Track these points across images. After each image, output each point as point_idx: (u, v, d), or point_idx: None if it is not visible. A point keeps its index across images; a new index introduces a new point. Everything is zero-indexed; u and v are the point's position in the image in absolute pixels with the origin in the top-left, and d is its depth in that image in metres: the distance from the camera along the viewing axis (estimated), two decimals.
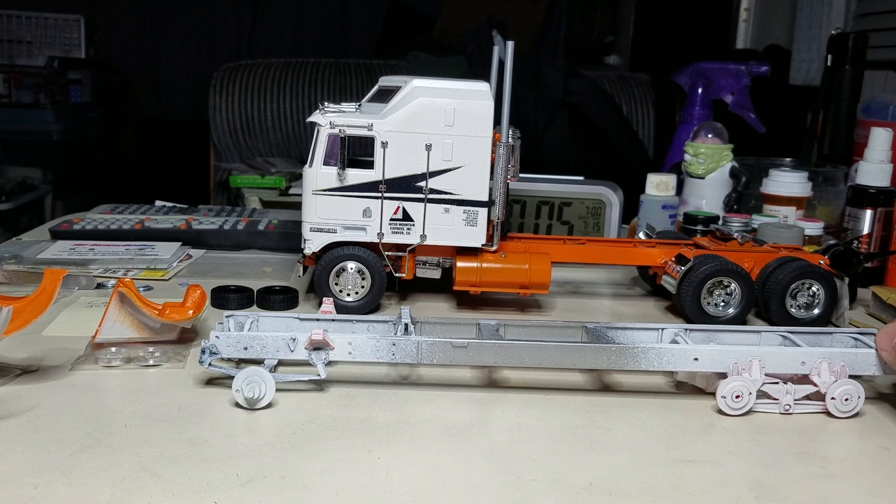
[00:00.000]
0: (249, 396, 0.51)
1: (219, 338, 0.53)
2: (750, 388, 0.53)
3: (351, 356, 0.54)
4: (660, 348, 0.54)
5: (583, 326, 0.59)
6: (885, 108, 1.16)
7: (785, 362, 0.55)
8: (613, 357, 0.54)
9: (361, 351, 0.54)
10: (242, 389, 0.51)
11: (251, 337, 0.53)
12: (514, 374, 0.60)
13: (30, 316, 0.53)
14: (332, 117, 0.69)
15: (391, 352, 0.54)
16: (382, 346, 0.54)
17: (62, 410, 0.50)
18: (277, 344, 0.53)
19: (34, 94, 2.90)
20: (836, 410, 0.54)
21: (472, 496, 0.42)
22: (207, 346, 0.53)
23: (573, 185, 0.95)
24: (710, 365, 0.54)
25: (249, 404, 0.51)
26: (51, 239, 0.91)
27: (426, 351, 0.54)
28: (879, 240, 0.92)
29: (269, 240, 0.93)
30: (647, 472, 0.45)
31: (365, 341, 0.54)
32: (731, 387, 0.53)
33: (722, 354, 0.54)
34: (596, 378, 0.60)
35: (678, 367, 0.55)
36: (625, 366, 0.54)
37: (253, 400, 0.51)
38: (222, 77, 2.39)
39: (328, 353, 0.53)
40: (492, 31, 1.71)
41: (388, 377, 0.58)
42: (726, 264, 0.72)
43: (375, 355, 0.54)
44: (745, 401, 0.54)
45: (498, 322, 0.59)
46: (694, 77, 1.60)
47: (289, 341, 0.53)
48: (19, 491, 0.40)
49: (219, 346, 0.53)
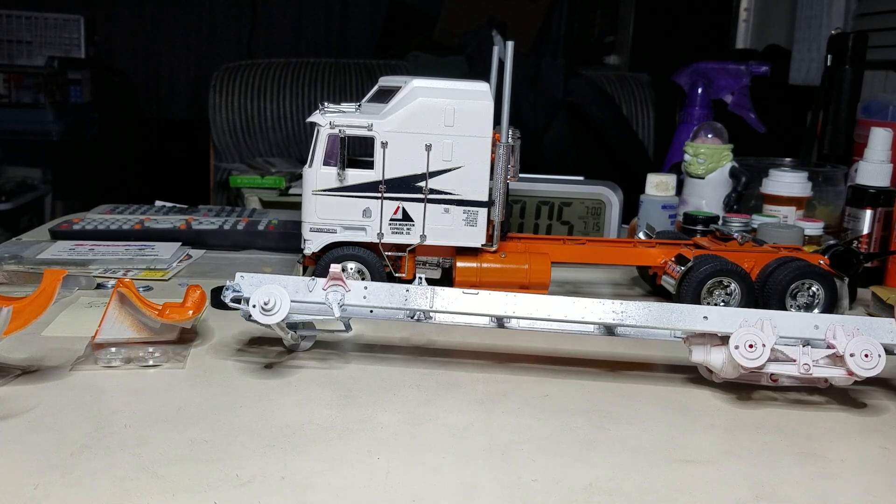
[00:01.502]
0: (263, 301, 0.52)
1: (243, 277, 0.56)
2: (763, 339, 0.52)
3: (366, 300, 0.55)
4: (671, 306, 0.54)
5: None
6: (885, 108, 1.16)
7: (798, 325, 0.54)
8: (623, 314, 0.55)
9: (376, 295, 0.56)
10: (260, 302, 0.53)
11: (271, 278, 0.56)
12: (514, 372, 0.60)
13: (30, 316, 0.53)
14: (332, 117, 0.69)
15: (404, 297, 0.56)
16: (396, 290, 0.56)
17: (62, 411, 0.50)
18: (297, 284, 0.55)
19: (34, 94, 2.90)
20: (859, 368, 0.52)
21: (472, 496, 0.42)
22: (231, 284, 0.56)
23: (573, 185, 0.95)
24: (720, 324, 0.54)
25: (264, 312, 0.53)
26: (51, 239, 0.91)
27: (439, 295, 0.56)
28: (879, 240, 0.92)
29: (268, 240, 0.93)
30: (647, 472, 0.45)
31: (379, 286, 0.56)
32: (744, 335, 0.52)
33: (732, 314, 0.54)
34: (596, 379, 0.60)
35: (689, 326, 0.54)
36: (637, 321, 0.55)
37: (268, 309, 0.53)
38: (222, 77, 2.39)
39: (343, 295, 0.55)
40: (492, 31, 1.71)
41: (390, 377, 0.58)
42: (726, 264, 0.72)
43: (389, 300, 0.56)
44: (758, 352, 0.52)
45: None
46: (694, 77, 1.60)
47: (308, 282, 0.55)
48: (19, 491, 0.40)
49: (242, 286, 0.55)
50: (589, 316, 0.56)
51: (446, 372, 0.59)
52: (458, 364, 0.61)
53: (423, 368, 0.60)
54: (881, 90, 1.62)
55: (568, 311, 0.56)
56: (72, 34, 3.11)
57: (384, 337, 0.66)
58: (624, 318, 0.55)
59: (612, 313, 0.55)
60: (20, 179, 2.88)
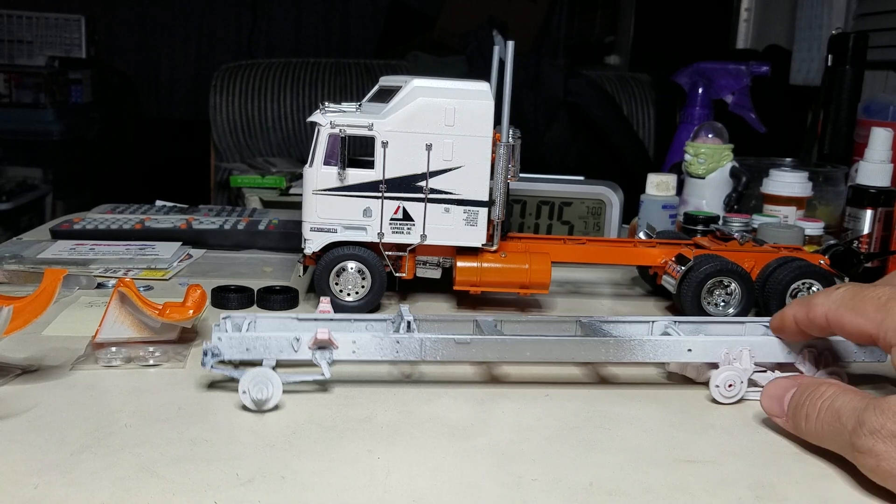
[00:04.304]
0: (257, 398, 0.50)
1: (221, 339, 0.52)
2: (742, 376, 0.55)
3: (355, 354, 0.53)
4: (656, 340, 0.55)
5: (577, 321, 0.60)
6: (886, 108, 1.16)
7: (772, 351, 0.56)
8: (612, 350, 0.55)
9: (365, 349, 0.53)
10: (250, 391, 0.50)
11: (254, 338, 0.52)
12: (514, 370, 0.60)
13: (30, 316, 0.53)
14: (333, 117, 0.69)
15: (395, 349, 0.53)
16: (386, 344, 0.53)
17: (62, 410, 0.50)
18: (281, 344, 0.53)
19: (34, 94, 2.91)
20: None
21: (472, 496, 0.42)
22: (209, 347, 0.52)
23: (573, 185, 0.95)
24: (703, 355, 0.55)
25: (257, 406, 0.51)
26: (51, 239, 0.91)
27: (429, 348, 0.54)
28: (879, 240, 0.92)
29: (269, 240, 0.93)
30: (647, 472, 0.45)
31: (369, 339, 0.53)
32: (724, 376, 0.55)
33: (714, 345, 0.56)
34: (596, 377, 0.60)
35: (673, 358, 0.56)
36: (622, 358, 0.55)
37: (261, 402, 0.51)
38: (222, 77, 2.40)
39: (332, 353, 0.53)
40: (492, 31, 1.71)
41: (390, 375, 0.58)
42: (726, 264, 0.72)
43: (380, 353, 0.53)
44: (736, 389, 0.55)
45: (495, 318, 0.59)
46: (694, 77, 1.60)
47: (292, 341, 0.53)
48: (19, 491, 0.40)
49: (221, 347, 0.52)
50: (580, 356, 0.55)
51: (448, 369, 0.59)
52: (459, 364, 0.61)
53: (424, 366, 0.60)
54: (881, 90, 1.62)
55: (561, 353, 0.55)
56: (72, 34, 3.12)
57: None
58: (609, 357, 0.55)
59: (604, 353, 0.55)
60: (20, 179, 2.88)
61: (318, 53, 3.20)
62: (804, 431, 0.48)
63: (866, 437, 0.42)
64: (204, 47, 4.07)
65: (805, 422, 0.48)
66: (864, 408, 0.43)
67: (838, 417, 0.45)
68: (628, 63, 2.99)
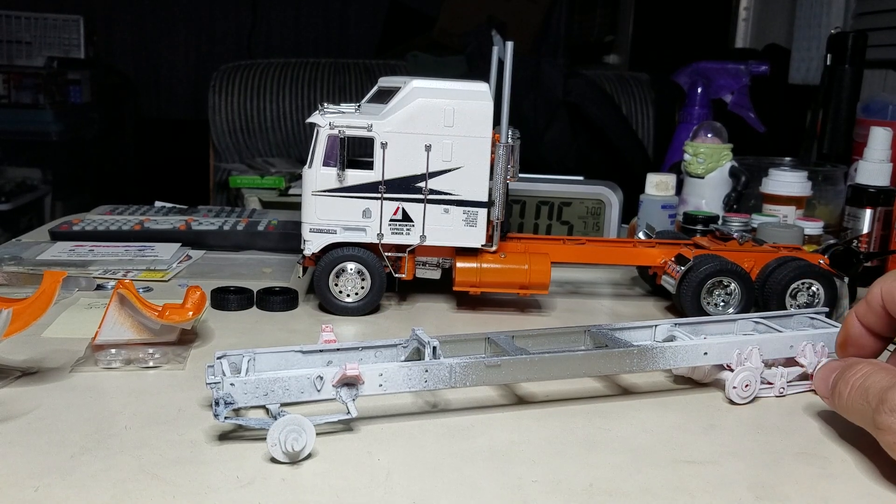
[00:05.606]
0: (291, 450, 0.44)
1: (234, 385, 0.45)
2: (756, 375, 0.56)
3: (382, 388, 0.48)
4: (675, 347, 0.55)
5: (585, 330, 0.58)
6: (885, 108, 1.16)
7: (778, 348, 0.57)
8: (636, 360, 0.54)
9: (393, 381, 0.48)
10: (283, 443, 0.44)
11: (271, 380, 0.46)
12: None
13: (30, 318, 0.53)
14: (332, 118, 0.69)
15: (423, 379, 0.49)
16: (414, 373, 0.49)
17: (62, 412, 0.50)
18: (302, 384, 0.46)
19: (34, 94, 2.91)
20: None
21: (472, 497, 0.42)
22: (221, 396, 0.45)
23: (573, 185, 0.95)
24: (718, 358, 0.56)
25: (290, 459, 0.44)
26: (50, 240, 0.91)
27: (459, 374, 0.50)
28: (879, 239, 0.92)
29: (268, 240, 0.93)
30: (647, 473, 0.45)
31: (396, 370, 0.48)
32: (741, 377, 0.55)
33: (727, 346, 0.56)
34: (596, 378, 0.60)
35: (692, 363, 0.56)
36: (645, 367, 0.54)
37: (296, 454, 0.44)
38: (222, 77, 2.40)
39: (359, 389, 0.48)
40: (492, 31, 1.71)
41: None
42: (726, 264, 0.72)
43: (408, 385, 0.49)
44: (752, 388, 0.56)
45: (506, 334, 0.56)
46: (693, 76, 1.60)
47: (315, 380, 0.47)
48: (19, 493, 0.40)
49: (235, 395, 0.45)
50: (605, 370, 0.55)
51: None
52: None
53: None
54: (881, 89, 1.62)
55: (588, 369, 0.54)
56: (71, 34, 3.12)
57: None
58: (633, 367, 0.55)
59: (629, 365, 0.54)
60: (20, 180, 2.88)
61: (317, 54, 3.20)
62: (838, 407, 0.49)
63: (886, 415, 0.43)
64: (204, 47, 4.07)
65: (838, 399, 0.48)
66: (889, 386, 0.44)
67: (865, 395, 0.46)
68: (628, 62, 2.99)
